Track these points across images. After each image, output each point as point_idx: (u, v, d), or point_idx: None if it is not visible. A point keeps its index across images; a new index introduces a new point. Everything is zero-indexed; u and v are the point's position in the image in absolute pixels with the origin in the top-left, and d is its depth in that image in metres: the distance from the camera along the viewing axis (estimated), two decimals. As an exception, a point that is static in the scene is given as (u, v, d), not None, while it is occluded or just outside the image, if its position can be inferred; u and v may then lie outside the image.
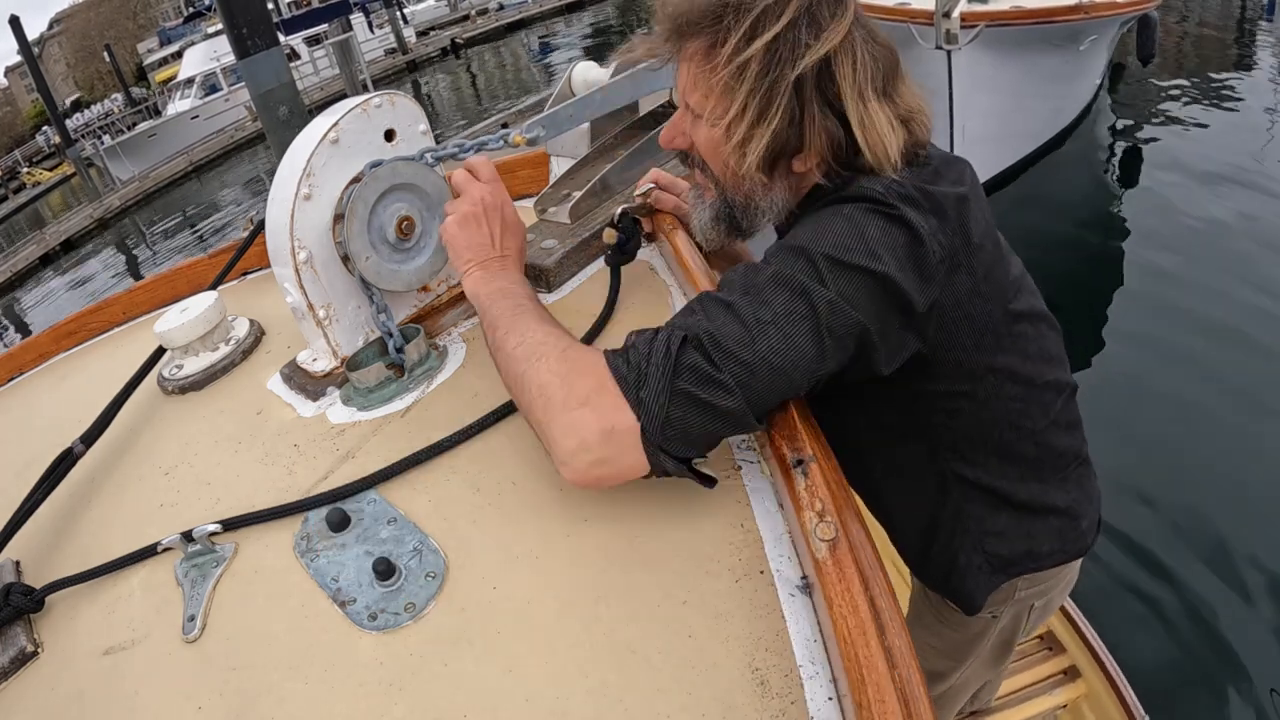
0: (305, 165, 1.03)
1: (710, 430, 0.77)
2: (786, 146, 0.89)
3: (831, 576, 0.64)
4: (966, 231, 0.89)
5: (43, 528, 1.06)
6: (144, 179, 20.38)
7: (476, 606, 0.78)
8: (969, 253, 0.90)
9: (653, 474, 0.79)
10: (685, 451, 0.77)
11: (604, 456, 0.77)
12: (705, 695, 0.65)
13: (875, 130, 0.87)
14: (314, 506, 0.94)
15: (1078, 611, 2.21)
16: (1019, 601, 1.22)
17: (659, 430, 0.75)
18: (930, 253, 0.84)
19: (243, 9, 7.49)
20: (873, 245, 0.81)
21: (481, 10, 31.81)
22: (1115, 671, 2.05)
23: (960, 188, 0.90)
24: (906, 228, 0.83)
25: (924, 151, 0.94)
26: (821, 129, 0.87)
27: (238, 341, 1.32)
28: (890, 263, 0.82)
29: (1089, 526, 1.18)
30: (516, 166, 1.68)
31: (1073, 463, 1.13)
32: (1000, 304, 0.96)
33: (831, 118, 0.87)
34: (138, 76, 44.95)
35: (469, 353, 1.15)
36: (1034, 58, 6.07)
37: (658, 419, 0.75)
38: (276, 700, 0.74)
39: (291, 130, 4.54)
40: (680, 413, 0.75)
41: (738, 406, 0.76)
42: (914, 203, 0.85)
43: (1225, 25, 11.32)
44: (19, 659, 0.87)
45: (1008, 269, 0.99)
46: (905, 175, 0.88)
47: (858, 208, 0.85)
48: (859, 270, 0.81)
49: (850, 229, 0.83)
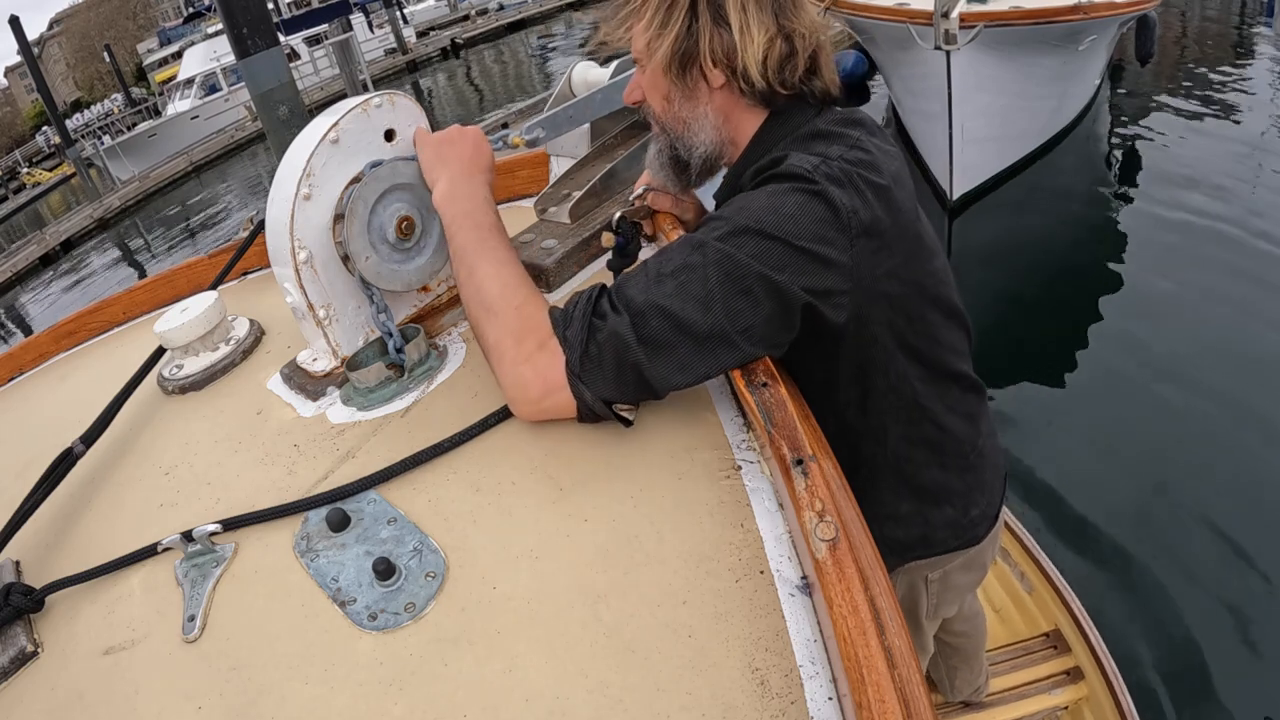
0: (305, 165, 1.03)
1: (622, 375, 0.87)
2: (688, 52, 1.01)
3: (831, 576, 0.64)
4: (891, 215, 0.94)
5: (43, 528, 1.06)
6: (144, 179, 20.38)
7: (476, 606, 0.78)
8: (891, 236, 0.95)
9: (581, 413, 0.91)
10: (604, 389, 0.89)
11: (543, 404, 0.92)
12: (705, 695, 0.65)
13: (748, 34, 0.99)
14: (314, 506, 0.94)
15: (1083, 613, 2.20)
16: (908, 571, 1.29)
17: (578, 361, 0.89)
18: (847, 227, 0.90)
19: (243, 9, 7.50)
20: (785, 217, 0.88)
21: (481, 10, 31.84)
22: (1116, 677, 2.04)
23: (882, 180, 0.95)
24: (827, 203, 0.89)
25: (826, 92, 1.05)
26: (714, 35, 0.99)
27: (238, 341, 1.32)
28: (799, 233, 0.87)
29: (979, 516, 1.25)
30: (516, 166, 1.68)
31: (970, 452, 1.20)
32: (917, 289, 1.02)
33: (723, 27, 0.99)
34: (138, 77, 44.96)
35: (469, 353, 1.15)
36: (1033, 58, 6.07)
37: (576, 351, 0.89)
38: (276, 700, 0.74)
39: (291, 130, 4.54)
40: (595, 349, 0.88)
41: (636, 356, 0.86)
42: (838, 181, 0.91)
43: (1225, 25, 11.33)
44: (19, 659, 0.87)
45: (930, 258, 1.05)
46: (839, 155, 0.95)
47: (782, 185, 0.91)
48: (764, 236, 0.87)
49: (769, 203, 0.90)
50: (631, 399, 0.91)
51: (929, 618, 1.41)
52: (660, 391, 0.89)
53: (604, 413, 0.90)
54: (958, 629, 1.76)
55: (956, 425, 1.16)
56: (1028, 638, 2.28)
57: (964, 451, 1.20)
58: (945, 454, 1.17)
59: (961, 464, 1.20)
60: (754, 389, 0.87)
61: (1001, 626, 2.37)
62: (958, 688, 1.94)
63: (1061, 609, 2.27)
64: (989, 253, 5.97)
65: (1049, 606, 2.32)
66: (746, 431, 0.89)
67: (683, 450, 0.88)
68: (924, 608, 1.37)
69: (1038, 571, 2.39)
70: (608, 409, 0.90)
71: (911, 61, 6.09)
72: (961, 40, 5.51)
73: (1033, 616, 2.36)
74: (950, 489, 1.21)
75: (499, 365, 0.95)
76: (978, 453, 1.22)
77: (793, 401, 0.83)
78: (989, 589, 2.47)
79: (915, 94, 6.43)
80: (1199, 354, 4.30)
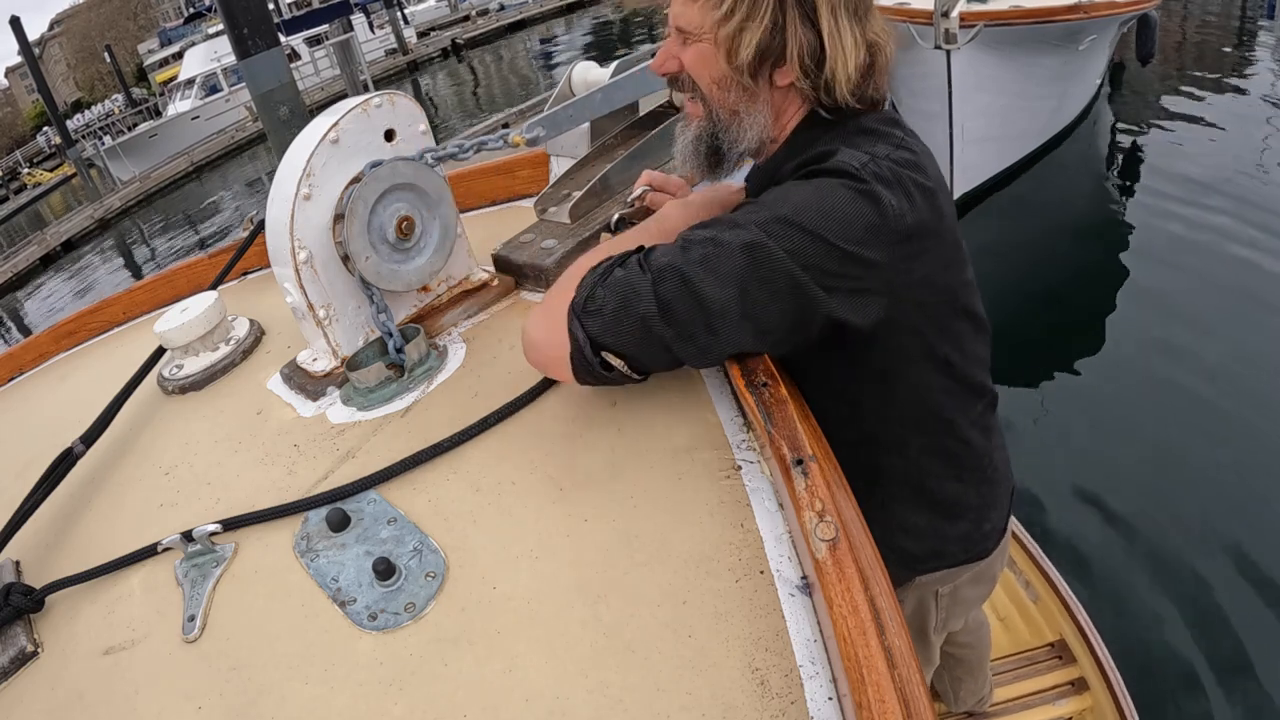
0: (305, 165, 1.03)
1: (624, 317, 0.86)
2: (770, 50, 0.93)
3: (831, 576, 0.64)
4: (935, 219, 0.92)
5: (43, 528, 1.06)
6: (144, 179, 20.37)
7: (476, 606, 0.78)
8: (932, 241, 0.92)
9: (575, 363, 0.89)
10: (599, 329, 0.87)
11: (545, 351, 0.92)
12: (705, 695, 0.64)
13: (839, 43, 0.92)
14: (314, 506, 0.94)
15: (1089, 623, 2.19)
16: (919, 586, 1.26)
17: (583, 302, 0.88)
18: (892, 230, 0.87)
19: (243, 10, 7.50)
20: (827, 214, 0.85)
21: (482, 11, 31.84)
22: (1121, 689, 2.02)
23: (930, 182, 0.93)
24: (874, 202, 0.86)
25: (881, 98, 0.99)
26: (801, 38, 0.92)
27: (238, 341, 1.32)
28: (839, 232, 0.84)
29: (991, 530, 1.23)
30: (516, 166, 1.68)
31: (985, 465, 1.18)
32: (949, 298, 1.00)
33: (810, 29, 0.92)
34: (138, 77, 44.97)
35: (469, 353, 1.15)
36: (1033, 57, 6.07)
37: (585, 293, 0.88)
38: (276, 700, 0.74)
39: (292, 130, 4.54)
40: (603, 292, 0.87)
41: (646, 308, 0.85)
42: (887, 182, 0.87)
43: (1225, 25, 11.31)
44: (19, 659, 0.87)
45: (964, 267, 1.02)
46: (887, 154, 0.91)
47: (829, 180, 0.88)
48: (802, 230, 0.84)
49: (814, 197, 0.86)
50: (624, 347, 0.87)
51: (936, 632, 1.38)
52: (657, 346, 0.86)
53: (592, 360, 0.88)
54: (963, 640, 1.75)
55: (976, 438, 1.13)
56: (1032, 647, 2.26)
57: (982, 465, 1.17)
58: (964, 467, 1.14)
59: (979, 477, 1.17)
60: (754, 389, 0.87)
61: (1006, 636, 2.35)
62: (962, 698, 1.93)
63: (1067, 619, 2.25)
64: (989, 253, 5.96)
65: (1054, 616, 2.30)
66: (746, 431, 0.89)
67: (683, 450, 0.88)
68: (933, 622, 1.34)
69: (1043, 581, 2.37)
70: (596, 358, 0.88)
71: (911, 61, 6.08)
72: (961, 40, 5.51)
73: (1038, 626, 2.33)
74: (966, 502, 1.18)
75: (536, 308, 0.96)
76: (993, 465, 1.19)
77: (793, 401, 0.83)
78: (994, 598, 2.44)
79: (915, 93, 6.42)
80: (1205, 359, 4.24)
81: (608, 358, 0.88)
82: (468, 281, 1.28)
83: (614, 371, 0.89)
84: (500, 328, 1.20)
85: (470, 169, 1.70)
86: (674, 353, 0.87)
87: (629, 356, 0.88)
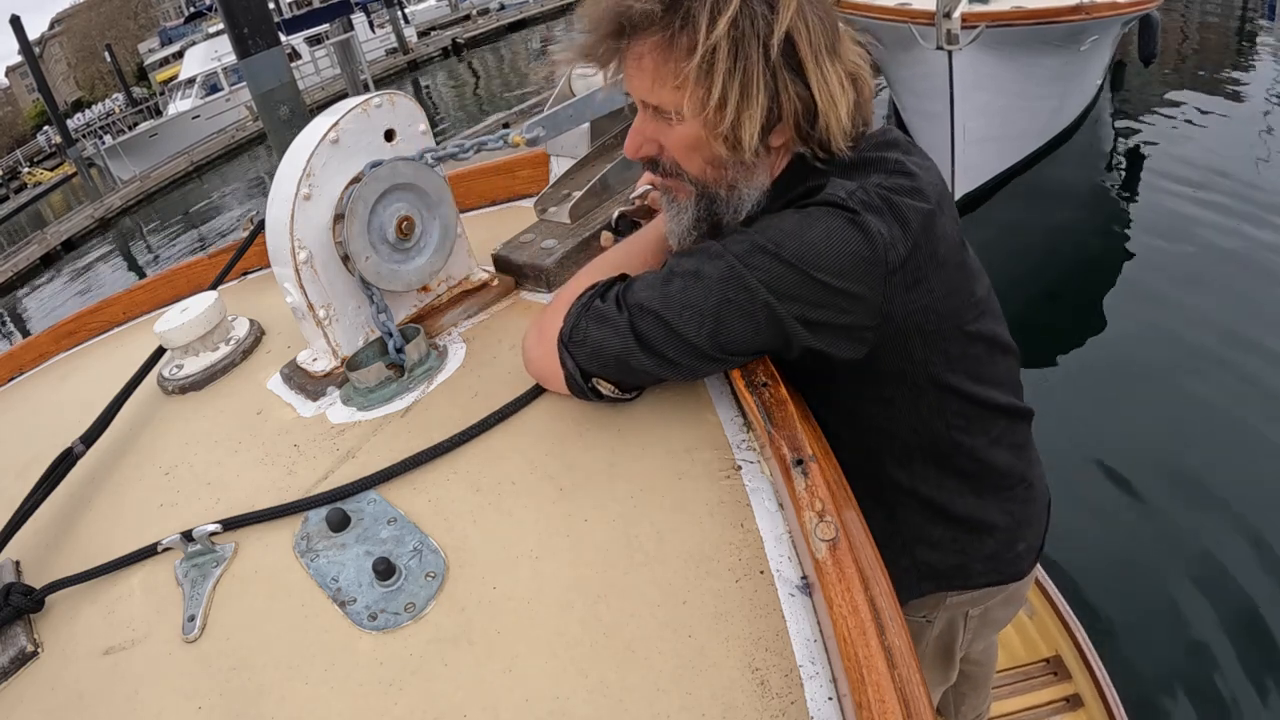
0: (305, 165, 1.03)
1: (604, 351, 0.89)
2: (769, 123, 0.87)
3: (831, 576, 0.64)
4: (930, 247, 0.88)
5: (43, 528, 1.06)
6: (145, 179, 20.36)
7: (476, 606, 0.78)
8: (930, 268, 0.88)
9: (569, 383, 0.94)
10: (589, 362, 0.91)
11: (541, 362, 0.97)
12: (705, 695, 0.64)
13: (828, 90, 0.86)
14: (314, 506, 0.94)
15: (1086, 639, 2.18)
16: (950, 608, 1.21)
17: (569, 333, 0.92)
18: (882, 260, 0.83)
19: (244, 9, 7.50)
20: (808, 245, 0.82)
21: (482, 10, 31.84)
22: (1116, 706, 2.01)
23: (928, 204, 0.89)
24: (862, 232, 0.82)
25: (867, 126, 0.93)
26: (794, 98, 0.86)
27: (238, 341, 1.32)
28: (820, 264, 0.82)
29: (1025, 550, 1.18)
30: (516, 166, 1.68)
31: (1017, 485, 1.13)
32: (956, 323, 0.95)
33: (799, 83, 0.85)
34: (139, 76, 44.98)
35: (469, 353, 1.15)
36: (1035, 58, 6.06)
37: (570, 324, 0.92)
38: (276, 700, 0.74)
39: (292, 130, 4.54)
40: (585, 324, 0.91)
41: (623, 344, 0.88)
42: (876, 209, 0.84)
43: (1226, 25, 11.31)
44: (19, 659, 0.87)
45: (972, 289, 0.98)
46: (878, 182, 0.87)
47: (817, 209, 0.85)
48: (780, 261, 0.82)
49: (795, 227, 0.84)
50: (609, 375, 0.92)
51: (960, 651, 1.35)
52: (641, 373, 0.90)
53: (584, 386, 0.93)
54: (975, 658, 1.72)
55: (1000, 458, 1.09)
56: (1028, 662, 2.25)
57: (1009, 484, 1.12)
58: (984, 485, 1.10)
59: (1005, 495, 1.12)
60: (754, 389, 0.87)
61: (1002, 650, 2.32)
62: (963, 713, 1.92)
63: (1063, 634, 2.24)
64: (990, 253, 5.89)
65: (1050, 632, 2.29)
66: (746, 431, 0.89)
67: (683, 450, 0.88)
68: (959, 642, 1.31)
69: (1040, 595, 2.35)
70: (587, 384, 0.92)
71: (913, 61, 6.08)
72: (963, 40, 5.51)
73: (1033, 641, 2.32)
74: (989, 521, 1.12)
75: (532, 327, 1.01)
76: (1026, 484, 1.14)
77: (793, 401, 0.83)
78: (989, 612, 2.44)
79: (917, 94, 6.41)
80: (1207, 363, 4.18)
81: (598, 385, 0.92)
82: (468, 281, 1.28)
83: (605, 396, 0.94)
84: (500, 328, 1.20)
85: (470, 169, 1.70)
86: (657, 377, 0.91)
87: (617, 382, 0.92)
